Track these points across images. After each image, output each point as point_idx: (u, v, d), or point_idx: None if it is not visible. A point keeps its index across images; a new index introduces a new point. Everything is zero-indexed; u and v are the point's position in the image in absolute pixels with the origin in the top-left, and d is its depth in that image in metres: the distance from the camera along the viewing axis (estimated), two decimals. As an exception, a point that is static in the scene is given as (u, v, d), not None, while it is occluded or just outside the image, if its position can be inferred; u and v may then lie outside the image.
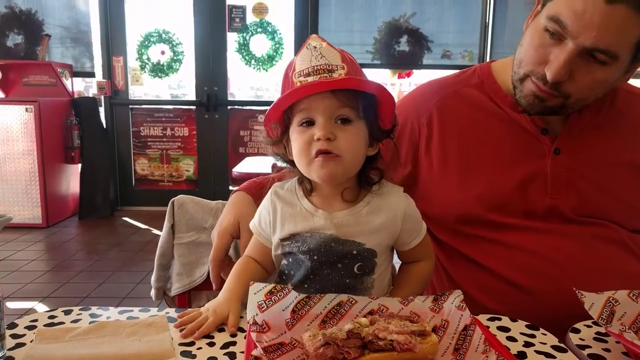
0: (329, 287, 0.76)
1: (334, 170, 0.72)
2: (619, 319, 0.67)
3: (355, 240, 0.76)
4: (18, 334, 0.67)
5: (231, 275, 0.81)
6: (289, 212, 0.79)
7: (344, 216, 0.77)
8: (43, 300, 2.60)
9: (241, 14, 4.48)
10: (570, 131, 0.90)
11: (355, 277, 0.77)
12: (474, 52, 4.64)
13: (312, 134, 0.72)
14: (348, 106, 0.72)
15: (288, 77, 0.74)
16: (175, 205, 1.12)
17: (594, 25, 0.73)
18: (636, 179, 0.90)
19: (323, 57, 0.72)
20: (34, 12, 4.51)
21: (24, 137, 3.85)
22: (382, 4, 4.58)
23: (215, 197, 1.16)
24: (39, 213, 3.91)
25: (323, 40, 0.74)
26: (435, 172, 0.95)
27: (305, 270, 0.77)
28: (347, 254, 0.76)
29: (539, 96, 0.83)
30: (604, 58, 0.76)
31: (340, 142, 0.72)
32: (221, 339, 0.68)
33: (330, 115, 0.72)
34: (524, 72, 0.84)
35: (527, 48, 0.84)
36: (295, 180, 0.82)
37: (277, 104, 0.73)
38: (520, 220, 0.88)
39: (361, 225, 0.76)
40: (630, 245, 0.87)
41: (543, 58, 0.80)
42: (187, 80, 4.79)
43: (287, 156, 0.79)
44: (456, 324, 0.65)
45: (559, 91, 0.80)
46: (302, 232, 0.77)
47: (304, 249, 0.77)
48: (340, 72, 0.71)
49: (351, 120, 0.73)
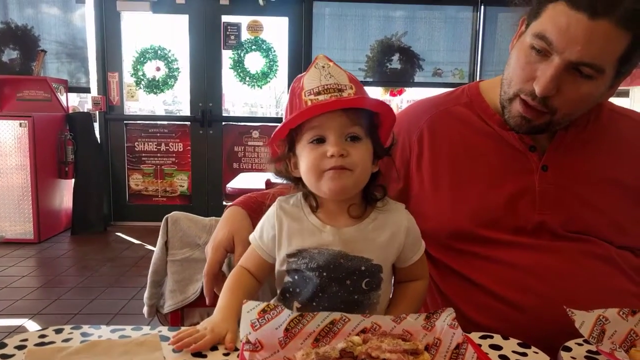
0: (337, 304, 0.77)
1: (345, 183, 0.74)
2: (609, 337, 0.68)
3: (364, 256, 0.77)
4: (7, 354, 0.66)
5: (225, 291, 0.81)
6: (296, 228, 0.79)
7: (352, 232, 0.77)
8: (33, 317, 2.56)
9: (236, 32, 4.53)
10: (557, 148, 0.92)
11: (363, 293, 0.78)
12: (464, 70, 4.72)
13: (324, 150, 0.73)
14: (358, 124, 0.75)
15: (296, 96, 0.74)
16: (169, 222, 1.12)
17: (579, 40, 0.75)
18: (621, 196, 0.91)
19: (332, 76, 0.74)
20: (30, 27, 4.53)
21: (18, 152, 3.84)
22: (374, 22, 4.65)
23: (209, 212, 1.17)
24: (31, 228, 3.88)
25: (330, 60, 0.76)
26: (426, 188, 0.96)
27: (314, 287, 0.77)
28: (355, 270, 0.76)
29: (525, 117, 0.85)
30: (590, 72, 0.78)
31: (352, 157, 0.73)
32: (214, 357, 0.68)
33: (341, 133, 0.74)
34: (514, 92, 0.86)
35: (514, 67, 0.86)
36: (300, 196, 0.82)
37: (290, 122, 0.73)
38: (510, 236, 0.89)
39: (368, 241, 0.77)
40: (619, 262, 0.88)
41: (530, 75, 0.82)
42: (182, 96, 4.82)
43: (290, 173, 0.80)
44: (448, 342, 0.65)
45: (546, 106, 0.82)
46: (309, 248, 0.77)
47: (312, 266, 0.77)
48: (349, 92, 0.73)
49: (360, 138, 0.75)
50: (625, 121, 0.98)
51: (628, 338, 0.69)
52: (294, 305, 0.80)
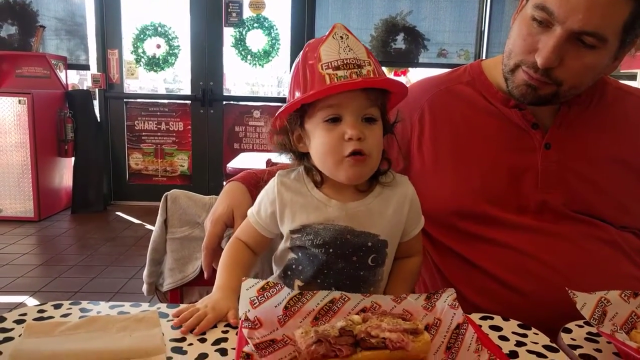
0: (342, 281, 0.76)
1: (363, 171, 0.73)
2: (610, 319, 0.67)
3: (370, 231, 0.76)
4: (6, 328, 0.67)
5: (223, 267, 0.80)
6: (299, 202, 0.77)
7: (358, 206, 0.76)
8: (34, 294, 2.58)
9: (238, 9, 4.46)
10: (560, 125, 0.91)
11: (369, 269, 0.77)
12: (470, 51, 4.65)
13: (342, 131, 0.70)
14: (375, 105, 0.73)
15: (312, 67, 0.70)
16: (169, 200, 1.11)
17: (580, 8, 0.74)
18: (624, 174, 0.90)
19: (351, 49, 0.70)
20: (28, 2, 4.46)
21: (17, 130, 3.82)
22: (379, 1, 4.57)
23: (209, 192, 1.16)
24: (31, 206, 3.88)
25: (349, 31, 0.73)
26: (427, 167, 0.95)
27: (319, 264, 0.76)
28: (362, 246, 0.75)
29: (531, 85, 0.84)
30: (593, 41, 0.76)
31: (369, 141, 0.71)
32: (212, 335, 0.67)
33: (359, 113, 0.71)
34: (514, 63, 0.85)
35: (515, 39, 0.85)
36: (302, 170, 0.80)
37: (308, 97, 0.70)
38: (513, 215, 0.89)
39: (374, 216, 0.76)
40: (622, 245, 0.88)
41: (532, 46, 0.81)
42: (183, 75, 4.77)
43: (293, 146, 0.77)
44: (449, 322, 0.65)
45: (550, 78, 0.81)
46: (314, 223, 0.76)
47: (318, 242, 0.75)
48: (368, 69, 0.70)
49: (376, 120, 0.73)
50: (631, 99, 0.96)
51: (629, 320, 0.69)
52: (296, 283, 0.79)
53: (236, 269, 0.80)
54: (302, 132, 0.76)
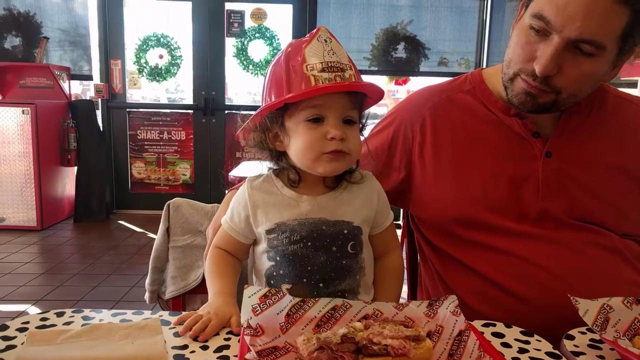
0: (328, 274, 0.77)
1: (342, 166, 0.76)
2: (613, 325, 0.67)
3: (344, 219, 0.78)
4: (9, 336, 0.67)
5: (213, 275, 0.81)
6: (271, 202, 0.80)
7: (328, 199, 0.79)
8: (36, 303, 2.58)
9: (240, 19, 4.50)
10: (561, 134, 0.91)
11: (350, 257, 0.79)
12: (471, 60, 4.67)
13: (324, 131, 0.73)
14: (356, 108, 0.76)
15: (295, 67, 0.72)
16: (171, 208, 1.12)
17: (577, 16, 0.75)
18: (624, 183, 0.90)
19: (335, 53, 0.73)
20: (32, 14, 4.50)
21: (20, 140, 3.84)
22: (379, 11, 4.61)
23: (211, 201, 1.16)
24: (34, 215, 3.89)
25: (332, 35, 0.75)
26: (429, 175, 0.96)
27: (300, 262, 0.77)
28: (339, 235, 0.78)
29: (530, 93, 0.84)
30: (590, 49, 0.77)
31: (350, 142, 0.75)
32: (215, 342, 0.67)
33: (341, 115, 0.74)
34: (514, 71, 0.86)
35: (514, 47, 0.86)
36: (270, 173, 0.83)
37: (294, 97, 0.72)
38: (513, 223, 0.89)
39: (344, 205, 0.79)
40: (623, 252, 0.87)
41: (531, 55, 0.82)
42: (185, 85, 4.80)
43: (269, 145, 0.79)
44: (451, 329, 0.65)
45: (549, 86, 0.81)
46: (288, 220, 0.78)
47: (295, 239, 0.77)
48: (350, 73, 0.73)
49: (355, 122, 0.77)
50: (631, 107, 0.97)
51: (632, 327, 0.69)
52: (283, 287, 0.79)
53: (227, 274, 0.81)
54: (280, 131, 0.78)
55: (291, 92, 0.72)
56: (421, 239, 1.04)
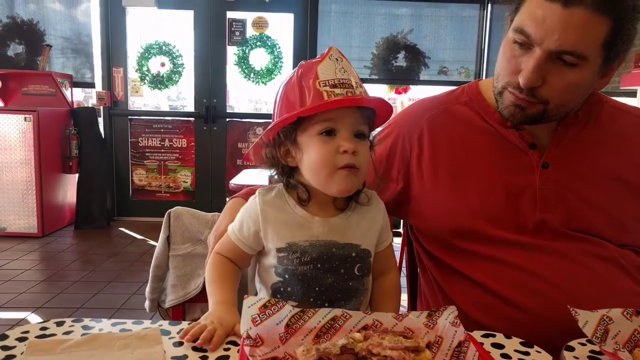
0: (334, 294, 0.78)
1: (355, 183, 0.77)
2: (613, 337, 0.67)
3: (352, 242, 0.79)
4: (9, 346, 0.67)
5: (214, 284, 0.81)
6: (282, 220, 0.79)
7: (339, 221, 0.79)
8: (36, 310, 2.57)
9: (241, 28, 4.53)
10: (558, 145, 0.91)
11: (357, 279, 0.80)
12: (470, 69, 4.70)
13: (337, 145, 0.74)
14: (366, 123, 0.78)
15: (309, 84, 0.74)
16: (172, 217, 1.12)
17: (555, 29, 0.76)
18: (622, 193, 0.91)
19: (345, 71, 0.76)
20: (35, 22, 4.54)
21: (22, 147, 3.85)
22: (380, 20, 4.64)
23: (212, 208, 1.17)
24: (35, 222, 3.89)
25: (342, 55, 0.78)
26: (426, 187, 0.96)
27: (309, 282, 0.78)
28: (347, 257, 0.78)
29: (518, 105, 0.85)
30: (572, 59, 0.78)
31: (360, 156, 0.76)
32: (214, 353, 0.67)
33: (353, 129, 0.76)
34: (502, 85, 0.87)
35: (500, 61, 0.87)
36: (281, 188, 0.82)
37: (307, 110, 0.73)
38: (512, 234, 0.89)
39: (353, 227, 0.80)
40: (621, 262, 0.87)
41: (516, 68, 0.83)
42: (187, 92, 4.82)
43: (280, 160, 0.80)
44: (450, 340, 0.65)
45: (535, 97, 0.83)
46: (299, 241, 0.78)
47: (306, 260, 0.77)
48: (360, 90, 0.75)
49: (366, 136, 0.78)
50: (628, 117, 0.97)
51: (632, 338, 0.69)
52: (288, 304, 0.80)
53: (227, 282, 0.81)
54: (291, 147, 0.78)
55: (304, 107, 0.74)
56: (420, 249, 1.04)
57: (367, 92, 0.77)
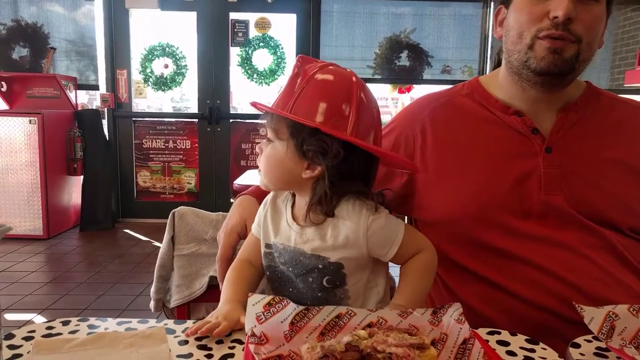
0: (306, 300, 0.79)
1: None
2: (619, 333, 0.67)
3: (320, 254, 0.78)
4: (15, 345, 0.67)
5: (227, 284, 0.82)
6: (274, 220, 0.83)
7: (311, 233, 0.79)
8: (42, 312, 2.59)
9: (244, 29, 4.53)
10: (559, 130, 0.92)
11: (326, 291, 0.79)
12: (474, 68, 4.68)
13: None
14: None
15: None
16: (176, 217, 1.13)
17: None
18: (625, 175, 0.91)
19: None
20: (39, 25, 4.57)
21: (27, 149, 3.87)
22: (382, 19, 4.64)
23: (216, 209, 1.17)
24: (40, 224, 3.91)
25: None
26: (431, 178, 0.96)
27: (285, 282, 0.82)
28: (314, 268, 0.78)
29: (555, 49, 0.85)
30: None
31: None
32: (219, 351, 0.67)
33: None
34: (530, 37, 0.87)
35: (519, 18, 0.88)
36: (289, 193, 0.85)
37: None
38: (517, 221, 0.89)
39: (325, 241, 0.78)
40: (626, 256, 0.87)
41: (542, 12, 0.85)
42: (190, 94, 4.83)
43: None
44: (455, 337, 0.65)
45: (571, 33, 0.84)
46: (277, 242, 0.81)
47: (282, 260, 0.81)
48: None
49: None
50: (625, 107, 0.99)
51: (638, 334, 0.68)
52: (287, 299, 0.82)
53: (240, 284, 0.82)
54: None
55: None
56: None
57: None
